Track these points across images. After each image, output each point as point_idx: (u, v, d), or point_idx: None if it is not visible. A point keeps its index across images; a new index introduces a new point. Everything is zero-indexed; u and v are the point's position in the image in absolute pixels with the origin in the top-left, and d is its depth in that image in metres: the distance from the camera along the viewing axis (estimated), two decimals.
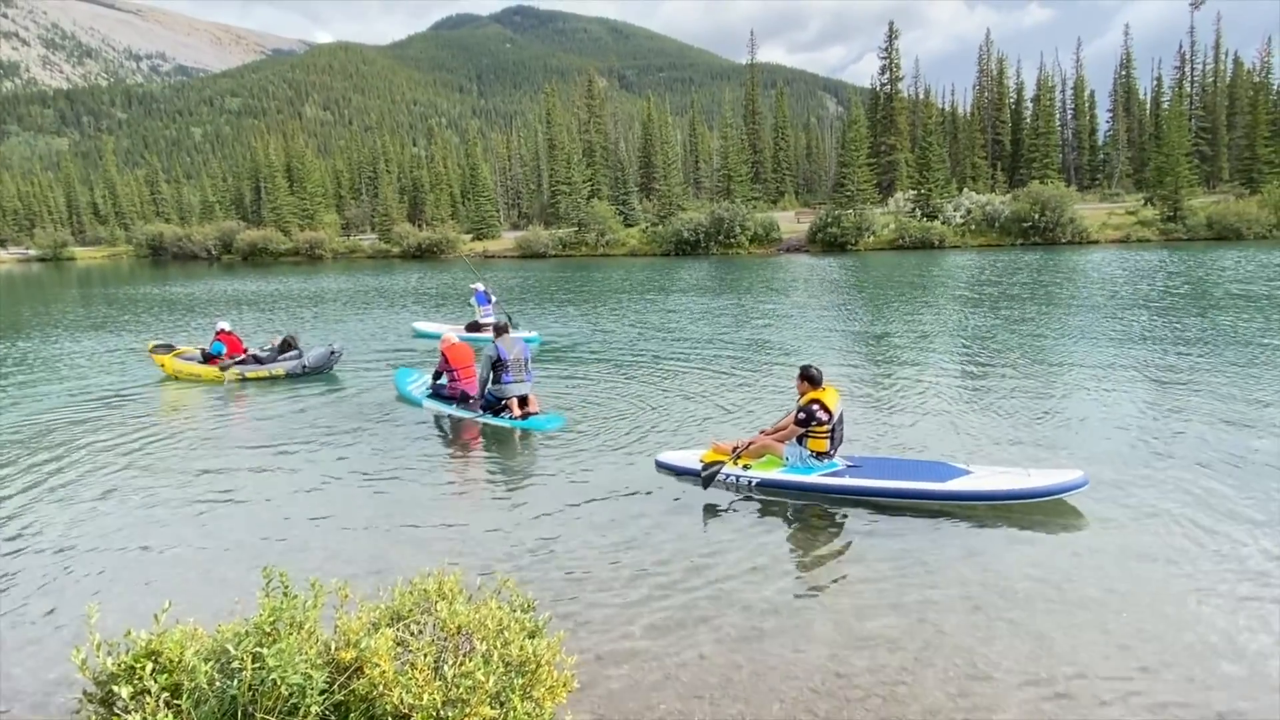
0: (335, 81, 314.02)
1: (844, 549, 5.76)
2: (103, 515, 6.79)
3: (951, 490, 6.19)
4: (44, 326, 21.98)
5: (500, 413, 9.31)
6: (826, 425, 6.56)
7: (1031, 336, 14.38)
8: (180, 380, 13.06)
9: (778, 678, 4.09)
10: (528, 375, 9.35)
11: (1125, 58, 67.66)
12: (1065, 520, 6.01)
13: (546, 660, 2.93)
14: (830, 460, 6.67)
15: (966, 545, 5.65)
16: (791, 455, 6.75)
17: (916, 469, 6.62)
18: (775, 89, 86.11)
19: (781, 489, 6.67)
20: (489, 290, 16.81)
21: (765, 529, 6.14)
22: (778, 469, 6.76)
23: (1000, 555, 5.50)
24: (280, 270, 51.01)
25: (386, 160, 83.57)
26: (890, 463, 6.85)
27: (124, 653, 2.57)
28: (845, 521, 6.19)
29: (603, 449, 8.22)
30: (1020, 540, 5.74)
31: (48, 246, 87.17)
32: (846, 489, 6.47)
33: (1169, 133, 43.82)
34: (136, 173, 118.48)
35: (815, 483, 6.55)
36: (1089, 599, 4.81)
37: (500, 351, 9.20)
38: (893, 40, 64.09)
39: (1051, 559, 5.40)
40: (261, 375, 12.82)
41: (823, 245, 44.44)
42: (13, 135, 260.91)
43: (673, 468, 7.20)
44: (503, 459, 8.45)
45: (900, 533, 5.91)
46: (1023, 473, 6.32)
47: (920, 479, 6.36)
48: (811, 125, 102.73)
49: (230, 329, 13.56)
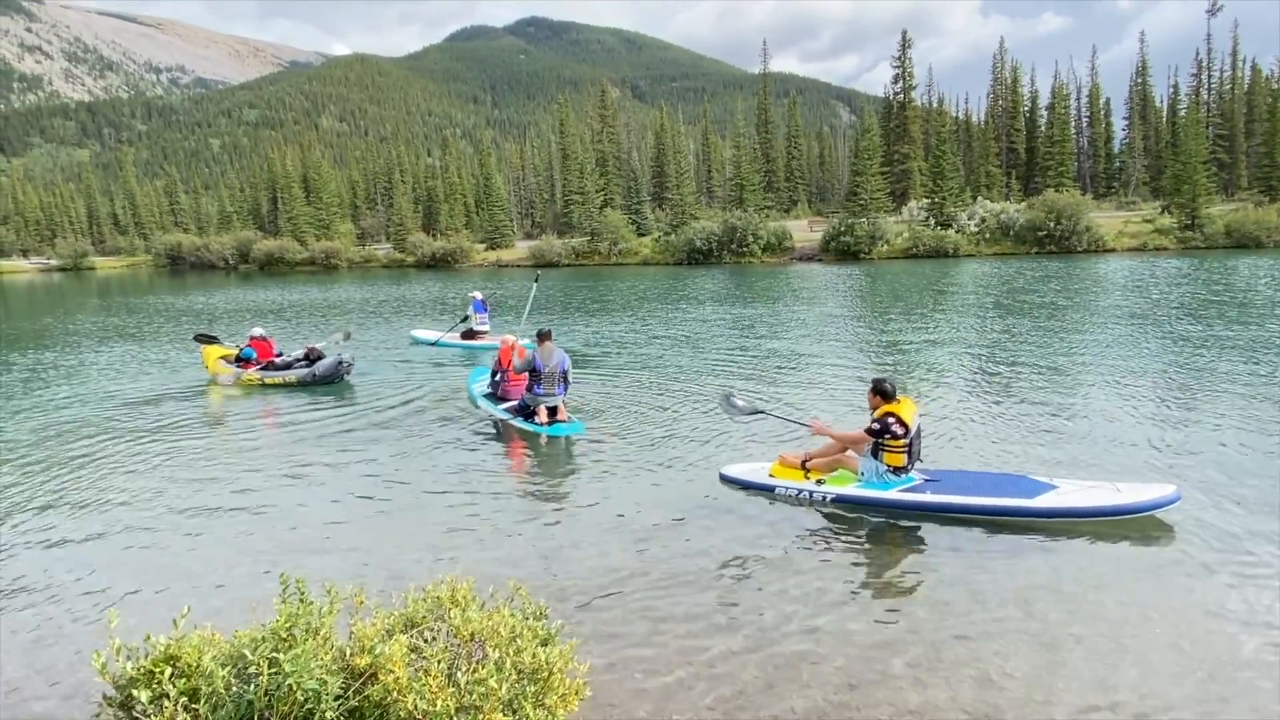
0: (351, 93, 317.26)
1: (892, 563, 5.59)
2: (123, 519, 6.86)
3: (1038, 507, 5.92)
4: (66, 335, 22.30)
5: (531, 418, 9.42)
6: (902, 439, 6.33)
7: (1071, 345, 14.04)
8: (214, 382, 13.47)
9: (794, 690, 4.07)
10: (560, 388, 9.42)
11: (1141, 65, 67.35)
12: (1157, 539, 5.68)
13: (559, 668, 2.94)
14: (907, 475, 6.44)
15: (1047, 564, 5.36)
16: (867, 470, 6.53)
17: (998, 484, 6.34)
18: (788, 98, 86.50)
19: (858, 505, 6.41)
20: (486, 299, 17.39)
21: (785, 537, 6.06)
22: (853, 484, 6.54)
23: (1084, 578, 5.15)
24: (296, 280, 51.50)
25: (401, 170, 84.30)
26: (969, 476, 6.58)
27: (143, 657, 2.60)
28: (897, 535, 6.01)
29: (623, 459, 8.20)
30: (1108, 560, 5.40)
31: (68, 256, 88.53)
32: (927, 505, 6.20)
33: (1186, 140, 43.50)
34: (156, 183, 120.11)
35: (893, 498, 6.31)
36: (1179, 628, 4.46)
37: (537, 362, 9.36)
38: (906, 49, 64.10)
39: (1144, 584, 5.05)
40: (276, 381, 13.14)
41: (835, 254, 44.36)
42: (36, 147, 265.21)
43: (739, 481, 6.98)
44: (522, 466, 8.46)
45: (968, 549, 5.65)
46: (1111, 487, 6.04)
47: (1004, 494, 6.10)
48: (824, 134, 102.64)
49: (264, 335, 13.88)
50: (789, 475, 6.76)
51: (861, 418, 8.09)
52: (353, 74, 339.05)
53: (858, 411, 9.32)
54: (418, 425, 10.01)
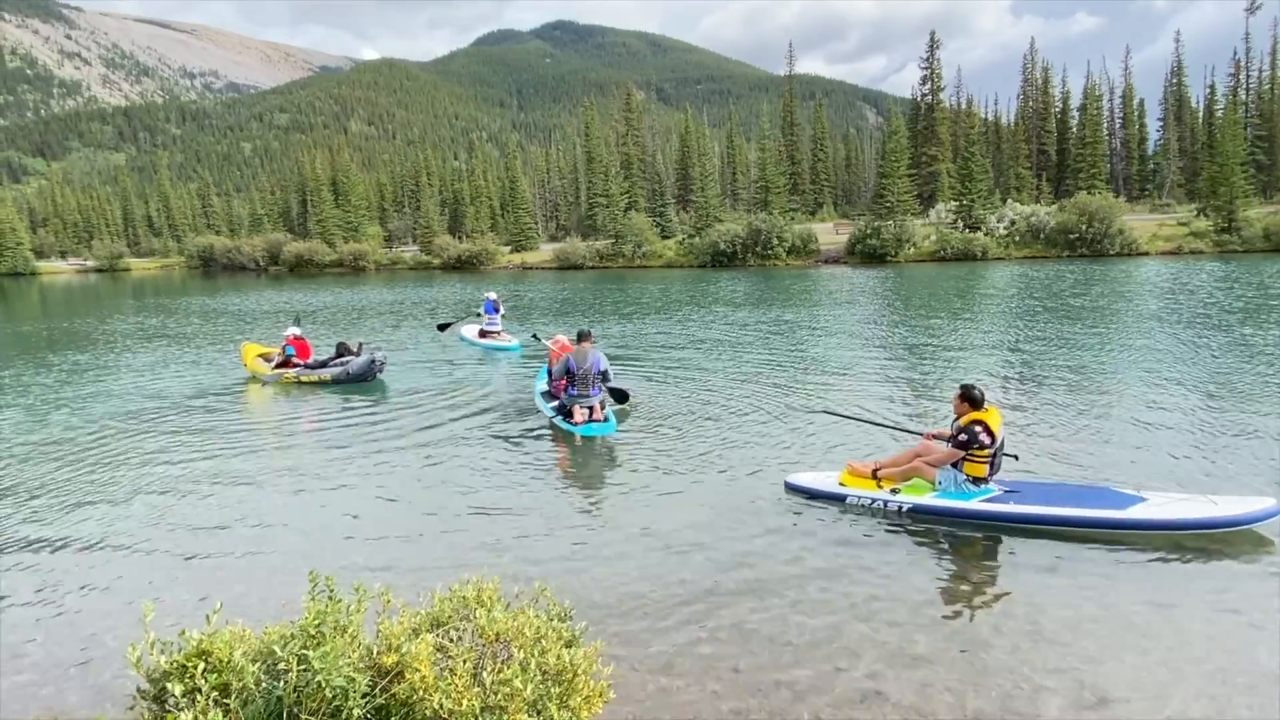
0: (380, 97, 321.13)
1: (962, 577, 5.35)
2: (156, 515, 6.99)
3: (1129, 519, 5.66)
4: (105, 334, 22.79)
5: (569, 417, 9.47)
6: (989, 449, 6.10)
7: (1125, 350, 13.50)
8: (254, 379, 13.75)
9: (823, 702, 4.03)
10: (594, 390, 9.43)
11: (1177, 65, 66.02)
12: (1258, 555, 5.38)
13: (583, 670, 2.94)
14: (987, 485, 6.20)
15: (1141, 580, 5.12)
16: (945, 479, 6.30)
17: (1083, 495, 6.08)
18: (814, 100, 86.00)
19: (936, 515, 6.20)
20: (498, 300, 17.98)
21: (828, 544, 5.90)
22: (929, 494, 6.30)
23: (1184, 594, 4.90)
24: (325, 281, 52.19)
25: (428, 174, 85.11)
26: (1051, 488, 6.33)
27: (176, 652, 2.65)
28: (971, 547, 5.79)
29: (659, 463, 8.12)
30: (1207, 576, 5.10)
31: (105, 258, 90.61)
32: (1010, 516, 5.95)
33: (1223, 141, 42.59)
34: (189, 186, 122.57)
35: (975, 509, 6.06)
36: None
37: (570, 364, 9.40)
38: (934, 50, 63.46)
39: (1249, 602, 4.74)
40: (311, 380, 13.37)
41: (861, 257, 44.01)
42: (74, 151, 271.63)
43: (807, 490, 6.78)
44: (556, 467, 8.38)
45: (1052, 563, 5.37)
46: (1204, 500, 5.78)
47: (1091, 506, 5.83)
48: (851, 136, 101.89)
49: (300, 334, 14.15)
50: (860, 484, 6.57)
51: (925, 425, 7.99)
52: (381, 78, 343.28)
53: (912, 419, 9.20)
54: (449, 425, 10.07)
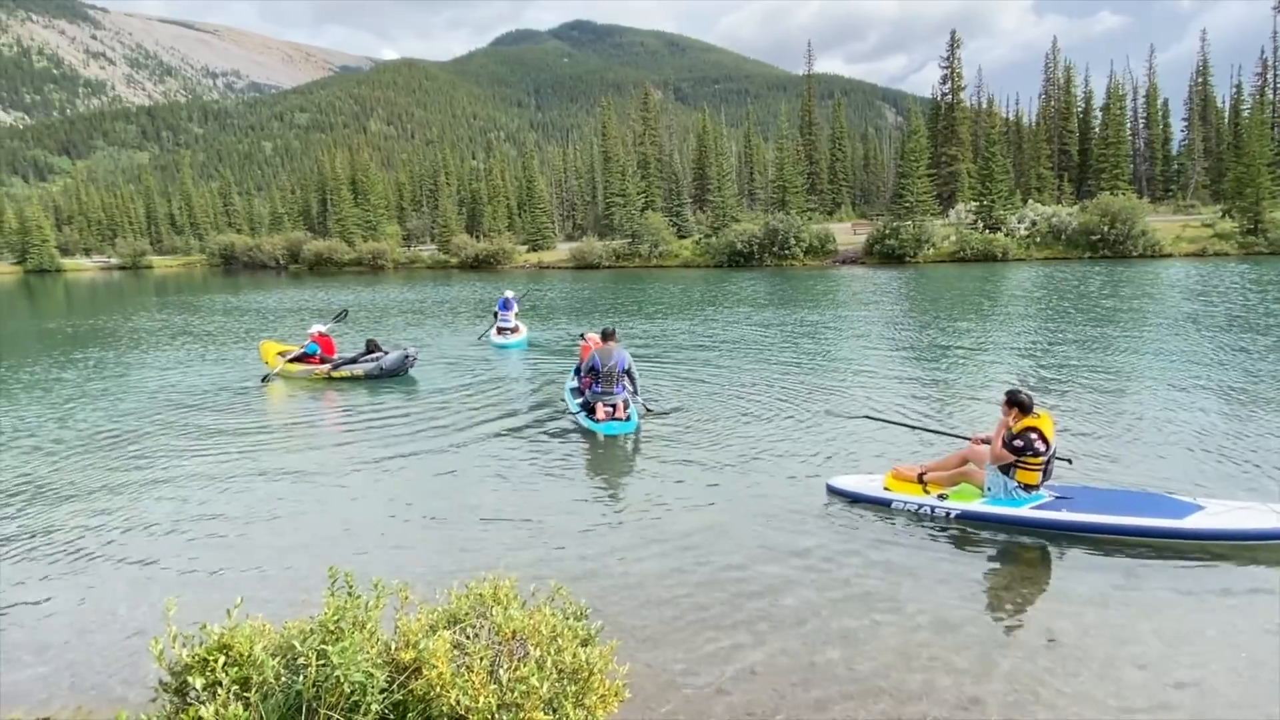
0: (399, 97, 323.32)
1: (1011, 585, 5.25)
2: (180, 509, 7.07)
3: (1187, 528, 5.52)
4: (131, 331, 23.12)
5: (592, 415, 9.52)
6: (1043, 457, 5.96)
7: (1161, 353, 13.20)
8: (278, 375, 13.87)
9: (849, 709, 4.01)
10: (618, 388, 9.48)
11: (1202, 64, 65.03)
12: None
13: (599, 669, 2.94)
14: (1037, 492, 6.08)
15: (1200, 591, 5.01)
16: (994, 485, 6.16)
17: (1137, 502, 5.95)
18: (833, 99, 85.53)
19: (985, 522, 6.09)
20: (514, 298, 18.45)
21: (868, 548, 5.80)
22: (978, 500, 6.20)
23: (1248, 606, 4.78)
24: (345, 280, 52.59)
25: (446, 173, 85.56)
26: (1103, 494, 6.20)
27: (198, 645, 2.68)
28: (1018, 554, 5.68)
29: (682, 464, 8.06)
30: (1268, 592, 4.95)
31: (128, 256, 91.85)
32: (1063, 524, 5.84)
33: (1249, 142, 41.92)
34: (211, 185, 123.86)
35: (1026, 516, 5.95)
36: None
37: (595, 361, 9.47)
38: (955, 49, 62.88)
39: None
40: (344, 375, 13.55)
41: (880, 257, 43.72)
42: (99, 149, 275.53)
43: (850, 494, 6.70)
44: (579, 465, 8.35)
45: (1112, 574, 5.22)
46: (1265, 508, 5.67)
47: (1147, 514, 5.70)
48: (869, 136, 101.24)
49: (325, 331, 14.36)
50: (906, 489, 6.46)
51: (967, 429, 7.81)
52: (400, 78, 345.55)
53: (953, 422, 9.03)
54: (471, 423, 10.11)
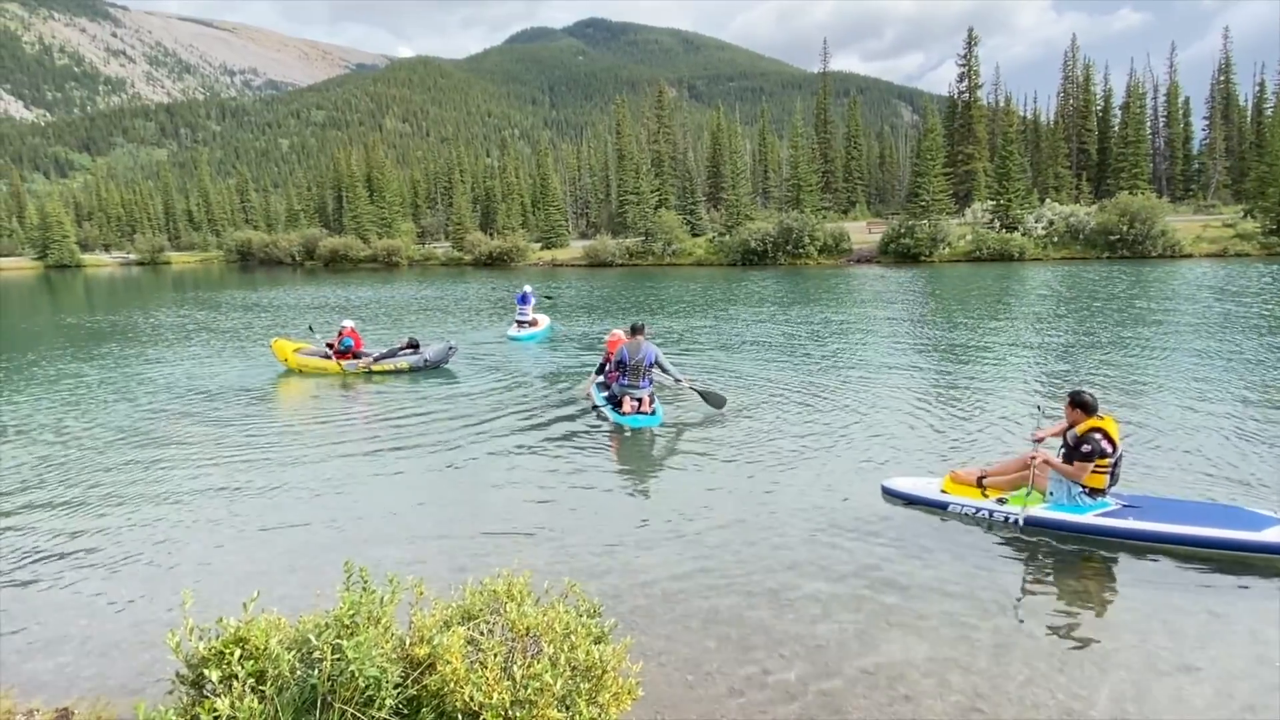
0: (414, 95, 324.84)
1: (1056, 598, 5.09)
2: (199, 504, 7.14)
3: (1266, 542, 5.33)
4: (151, 326, 23.37)
5: (618, 408, 9.58)
6: (1110, 459, 5.79)
7: (1201, 357, 12.79)
8: (303, 374, 13.97)
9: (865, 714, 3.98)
10: (644, 382, 9.56)
11: (1224, 62, 64.14)
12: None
13: (612, 666, 2.94)
14: (1103, 498, 5.90)
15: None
16: (1057, 490, 6.00)
17: (1211, 514, 5.76)
18: (849, 97, 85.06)
19: (1047, 529, 5.94)
20: (532, 292, 18.79)
21: (902, 552, 5.72)
22: (1040, 505, 6.04)
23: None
24: (359, 276, 52.89)
25: (461, 171, 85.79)
26: (1173, 504, 6.00)
27: (214, 638, 2.70)
28: (1079, 564, 5.52)
29: (705, 462, 8.05)
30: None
31: (146, 251, 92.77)
32: (1130, 533, 5.65)
33: (1272, 140, 41.34)
34: (228, 182, 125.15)
35: (1092, 523, 5.79)
36: None
37: (623, 354, 9.59)
38: (972, 47, 62.40)
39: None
40: (387, 369, 13.72)
41: (894, 256, 43.45)
42: (118, 146, 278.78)
43: (906, 496, 6.60)
44: (602, 461, 8.31)
45: (1164, 589, 5.08)
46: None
47: (1221, 526, 5.51)
48: (885, 134, 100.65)
49: (354, 326, 14.53)
50: (964, 492, 6.35)
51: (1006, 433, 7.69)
52: (415, 76, 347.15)
53: (990, 428, 8.90)
54: (492, 418, 10.15)
